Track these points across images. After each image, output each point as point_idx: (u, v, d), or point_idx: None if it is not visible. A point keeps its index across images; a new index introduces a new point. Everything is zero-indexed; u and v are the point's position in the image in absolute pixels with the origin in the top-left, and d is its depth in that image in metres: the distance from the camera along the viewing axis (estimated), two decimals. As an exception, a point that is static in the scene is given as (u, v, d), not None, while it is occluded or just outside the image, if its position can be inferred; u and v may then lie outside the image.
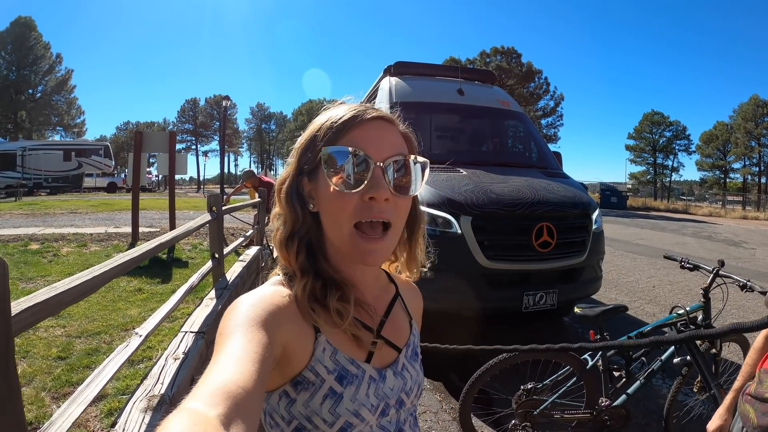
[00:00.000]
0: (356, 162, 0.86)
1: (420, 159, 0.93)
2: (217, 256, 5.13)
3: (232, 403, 0.58)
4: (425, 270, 1.11)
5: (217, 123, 75.55)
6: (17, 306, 1.50)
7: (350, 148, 0.86)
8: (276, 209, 0.98)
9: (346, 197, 0.86)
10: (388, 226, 0.89)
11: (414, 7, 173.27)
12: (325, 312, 0.88)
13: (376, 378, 0.93)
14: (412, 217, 1.02)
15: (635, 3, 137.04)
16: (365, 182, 0.85)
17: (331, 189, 0.86)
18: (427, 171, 0.94)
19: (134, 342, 2.97)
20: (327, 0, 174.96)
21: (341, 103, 0.97)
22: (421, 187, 0.93)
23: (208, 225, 5.04)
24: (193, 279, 4.42)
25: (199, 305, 4.34)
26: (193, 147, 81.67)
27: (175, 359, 3.27)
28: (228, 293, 4.66)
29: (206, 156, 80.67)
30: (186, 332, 3.74)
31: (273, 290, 0.89)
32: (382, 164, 0.87)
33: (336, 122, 0.90)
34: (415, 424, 1.05)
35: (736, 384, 2.03)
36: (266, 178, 10.71)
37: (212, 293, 4.62)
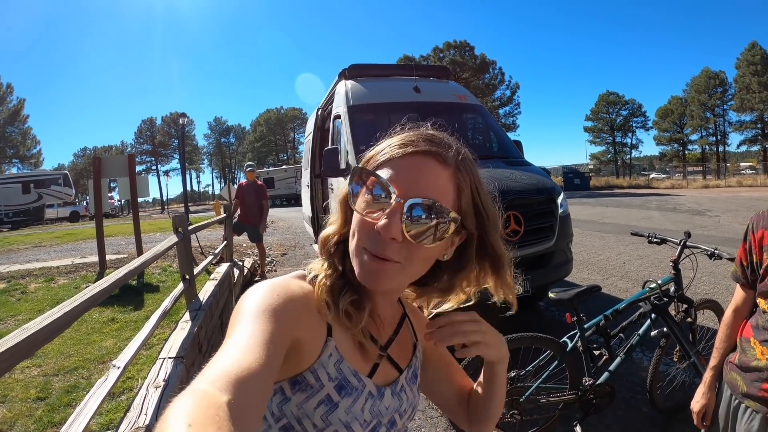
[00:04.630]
0: (379, 191, 0.81)
1: (453, 215, 0.83)
2: (187, 277, 5.08)
3: (241, 389, 0.58)
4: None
5: (176, 141, 74.86)
6: (-11, 353, 1.46)
7: (380, 177, 0.81)
8: (331, 204, 0.98)
9: (364, 220, 0.83)
10: (395, 262, 0.83)
11: (364, 9, 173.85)
12: (338, 312, 0.87)
13: (374, 394, 0.92)
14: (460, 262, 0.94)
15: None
16: (380, 214, 0.80)
17: (356, 206, 0.84)
18: (453, 227, 0.84)
19: (113, 375, 2.93)
20: (276, 8, 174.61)
21: (422, 128, 0.92)
22: (440, 241, 0.84)
23: (175, 247, 4.98)
24: (166, 303, 4.37)
25: (174, 329, 4.30)
26: (154, 167, 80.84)
27: (156, 387, 3.24)
28: (203, 314, 4.62)
29: (167, 175, 79.96)
30: (164, 358, 3.70)
31: (294, 282, 0.89)
32: (402, 201, 0.80)
33: (388, 147, 0.86)
34: None
35: (713, 362, 2.06)
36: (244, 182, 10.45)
37: (186, 315, 4.58)
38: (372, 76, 7.25)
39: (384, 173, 0.82)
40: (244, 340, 0.68)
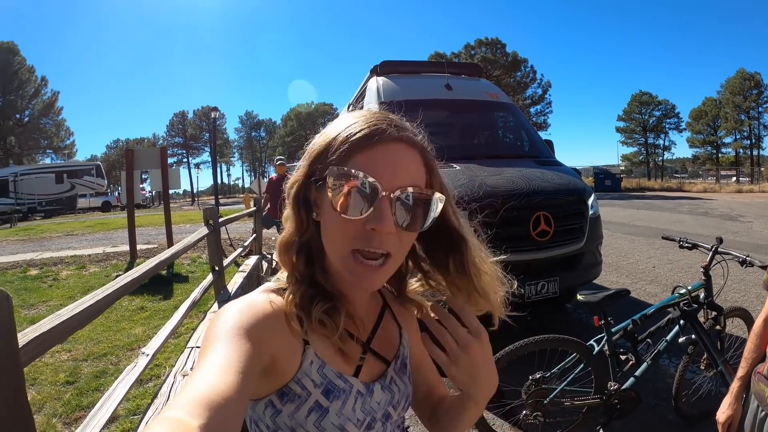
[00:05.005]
0: (364, 188, 0.79)
1: (437, 195, 0.85)
2: (217, 268, 5.13)
3: (214, 414, 0.57)
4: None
5: (207, 134, 75.35)
6: (23, 337, 1.50)
7: (360, 173, 0.78)
8: (286, 211, 0.92)
9: (348, 222, 0.80)
10: (388, 256, 0.83)
11: (395, 6, 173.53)
12: (311, 324, 0.86)
13: (363, 392, 0.91)
14: (449, 243, 0.94)
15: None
16: (369, 211, 0.79)
17: (336, 209, 0.79)
18: (441, 206, 0.86)
19: (142, 362, 2.97)
20: (309, 7, 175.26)
21: (367, 110, 0.90)
22: (429, 222, 0.86)
23: (206, 238, 5.04)
24: (195, 294, 4.42)
25: (202, 320, 4.36)
26: (185, 160, 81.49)
27: (184, 376, 3.27)
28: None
29: (198, 168, 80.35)
30: (192, 348, 3.75)
31: (263, 298, 0.86)
32: (392, 195, 0.79)
33: (352, 137, 0.82)
34: None
35: (741, 372, 2.01)
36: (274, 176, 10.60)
37: (215, 306, 4.63)
38: (403, 72, 7.22)
39: (360, 166, 0.80)
40: (216, 363, 0.67)
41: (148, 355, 3.06)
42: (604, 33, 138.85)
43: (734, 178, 50.92)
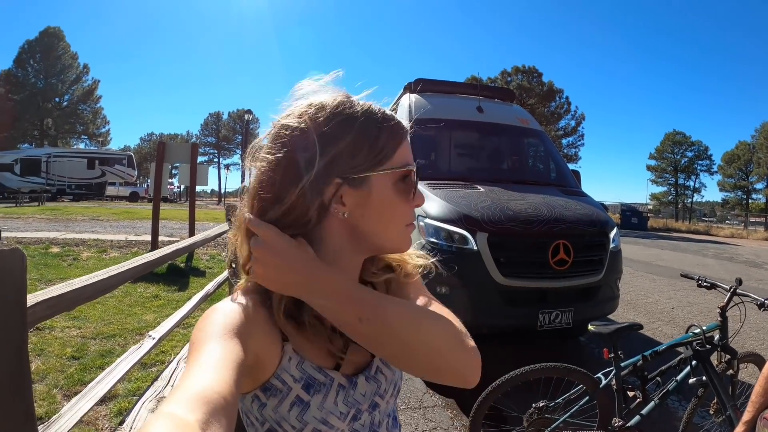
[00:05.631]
0: (414, 175, 0.91)
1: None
2: (233, 265, 5.16)
3: (210, 408, 0.59)
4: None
5: (240, 137, 76.04)
6: (33, 298, 1.53)
7: (413, 166, 0.91)
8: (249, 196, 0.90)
9: (406, 205, 0.91)
10: None
11: (436, 24, 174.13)
12: (297, 324, 0.87)
13: (345, 385, 0.92)
14: None
15: (657, 25, 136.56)
16: (415, 192, 0.91)
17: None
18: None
19: (147, 344, 3.01)
20: (349, 12, 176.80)
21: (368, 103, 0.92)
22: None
23: (226, 234, 5.08)
24: (209, 287, 4.47)
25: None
26: (215, 160, 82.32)
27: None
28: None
29: (228, 169, 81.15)
30: (200, 339, 3.77)
31: (244, 300, 0.86)
32: (414, 170, 0.91)
33: (393, 127, 0.90)
34: (394, 425, 1.05)
35: (746, 416, 1.96)
36: None
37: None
38: (437, 92, 7.28)
39: (404, 158, 0.90)
40: (209, 361, 0.69)
41: (154, 338, 3.10)
42: (642, 70, 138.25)
43: (763, 226, 50.13)
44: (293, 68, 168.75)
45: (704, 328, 3.29)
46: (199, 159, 13.72)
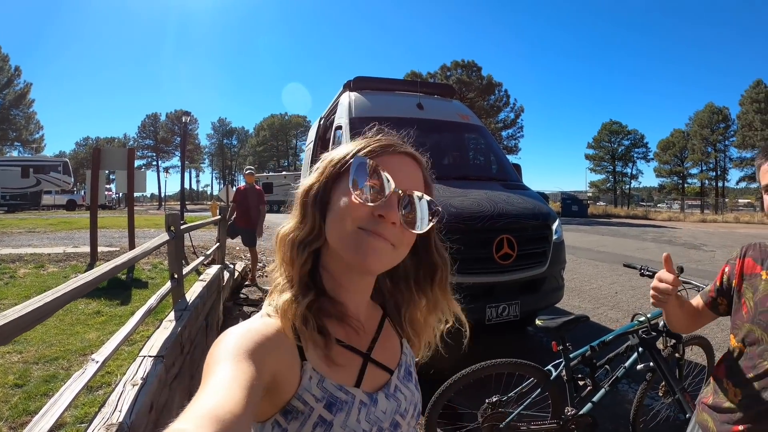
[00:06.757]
0: (379, 180, 0.88)
1: (437, 207, 0.95)
2: (176, 276, 5.05)
3: (221, 427, 0.58)
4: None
5: (178, 138, 74.73)
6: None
7: (380, 168, 0.89)
8: (294, 216, 0.97)
9: (360, 205, 0.87)
10: (393, 246, 0.90)
11: (374, 22, 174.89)
12: (313, 336, 0.88)
13: (366, 402, 0.91)
14: (426, 263, 1.05)
15: (593, 16, 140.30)
16: (381, 200, 0.87)
17: (352, 197, 0.87)
18: (435, 221, 0.95)
19: (91, 368, 2.90)
20: (289, 15, 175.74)
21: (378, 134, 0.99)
22: (424, 230, 0.94)
23: (166, 245, 4.95)
24: (152, 301, 4.34)
25: (158, 328, 4.27)
26: (154, 163, 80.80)
27: (134, 385, 3.21)
28: (188, 314, 4.59)
29: (167, 172, 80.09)
30: (144, 356, 3.67)
31: (261, 321, 0.87)
32: (400, 192, 0.89)
33: (371, 145, 0.93)
34: None
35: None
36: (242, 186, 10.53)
37: (171, 315, 4.54)
38: (376, 89, 7.26)
39: (359, 159, 0.91)
40: (220, 382, 0.68)
41: (97, 362, 2.99)
42: (579, 61, 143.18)
43: (699, 209, 52.11)
44: (233, 69, 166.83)
45: (649, 315, 3.38)
46: (137, 163, 13.38)
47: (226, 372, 0.71)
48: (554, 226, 5.38)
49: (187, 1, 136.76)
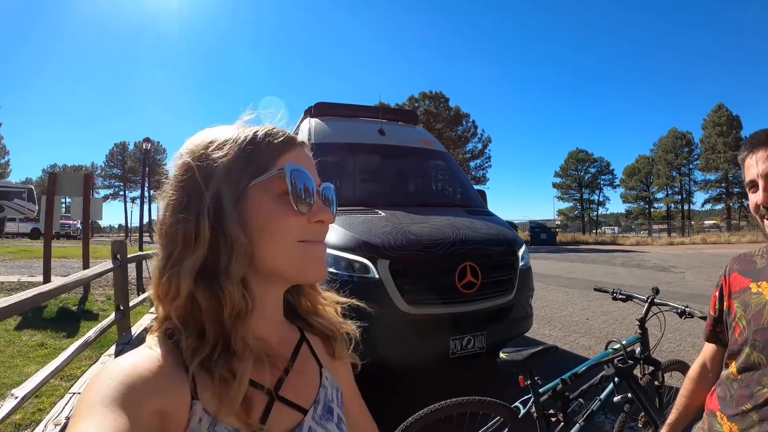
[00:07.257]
0: (306, 184, 0.79)
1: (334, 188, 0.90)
2: (122, 308, 4.76)
3: None
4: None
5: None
6: None
7: (305, 169, 0.80)
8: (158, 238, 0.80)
9: (292, 218, 0.77)
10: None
11: (344, 51, 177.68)
12: (208, 376, 0.71)
13: None
14: None
15: (560, 45, 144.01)
16: (313, 205, 0.79)
17: (293, 208, 0.76)
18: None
19: (8, 404, 2.64)
20: (258, 40, 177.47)
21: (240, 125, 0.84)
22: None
23: (111, 273, 4.68)
24: (90, 334, 4.09)
25: (95, 362, 3.99)
26: (122, 193, 79.94)
27: (56, 425, 2.95)
28: (130, 349, 4.31)
29: (134, 202, 78.98)
30: (74, 393, 3.42)
31: (144, 355, 0.71)
32: (319, 188, 0.84)
33: (274, 139, 0.81)
34: None
35: (670, 418, 1.87)
36: None
37: (112, 349, 4.28)
38: (338, 115, 7.13)
39: (292, 165, 0.79)
40: None
41: (17, 397, 2.74)
42: (546, 91, 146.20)
43: (666, 232, 53.06)
44: (202, 96, 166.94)
45: (624, 342, 3.19)
46: (103, 192, 13.17)
47: (96, 423, 0.58)
48: (520, 252, 5.21)
49: (158, 27, 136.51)
